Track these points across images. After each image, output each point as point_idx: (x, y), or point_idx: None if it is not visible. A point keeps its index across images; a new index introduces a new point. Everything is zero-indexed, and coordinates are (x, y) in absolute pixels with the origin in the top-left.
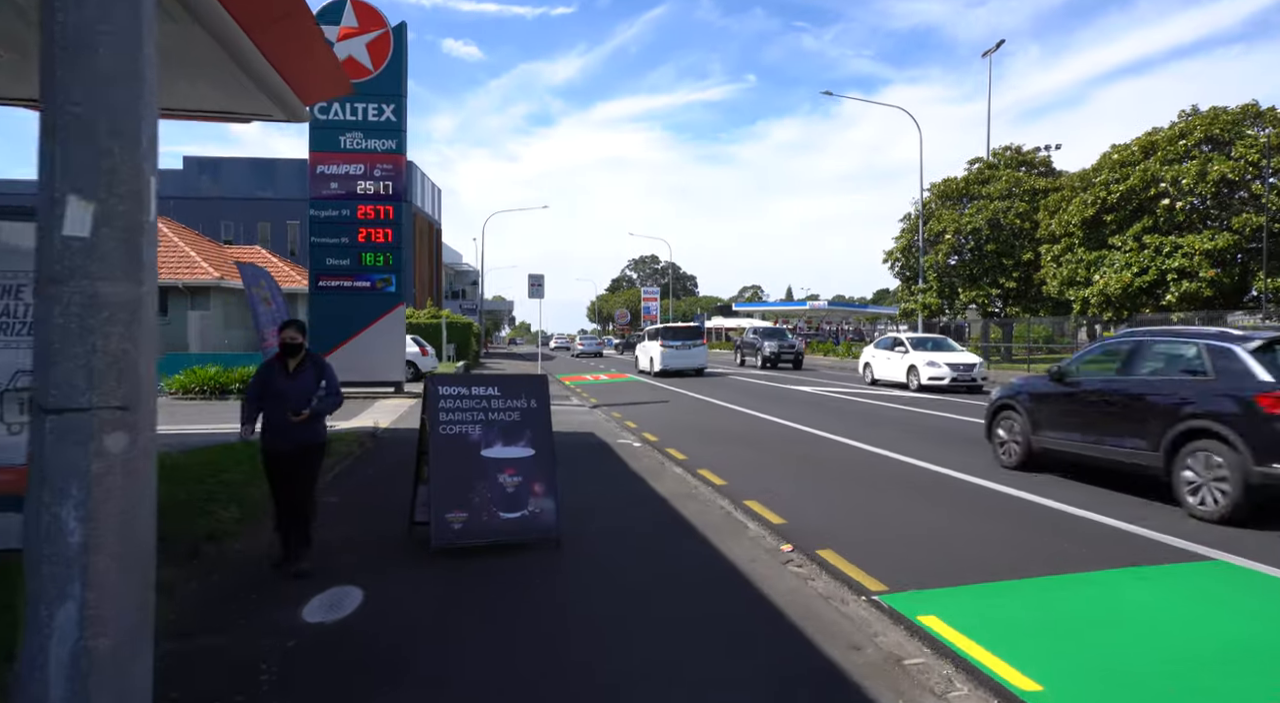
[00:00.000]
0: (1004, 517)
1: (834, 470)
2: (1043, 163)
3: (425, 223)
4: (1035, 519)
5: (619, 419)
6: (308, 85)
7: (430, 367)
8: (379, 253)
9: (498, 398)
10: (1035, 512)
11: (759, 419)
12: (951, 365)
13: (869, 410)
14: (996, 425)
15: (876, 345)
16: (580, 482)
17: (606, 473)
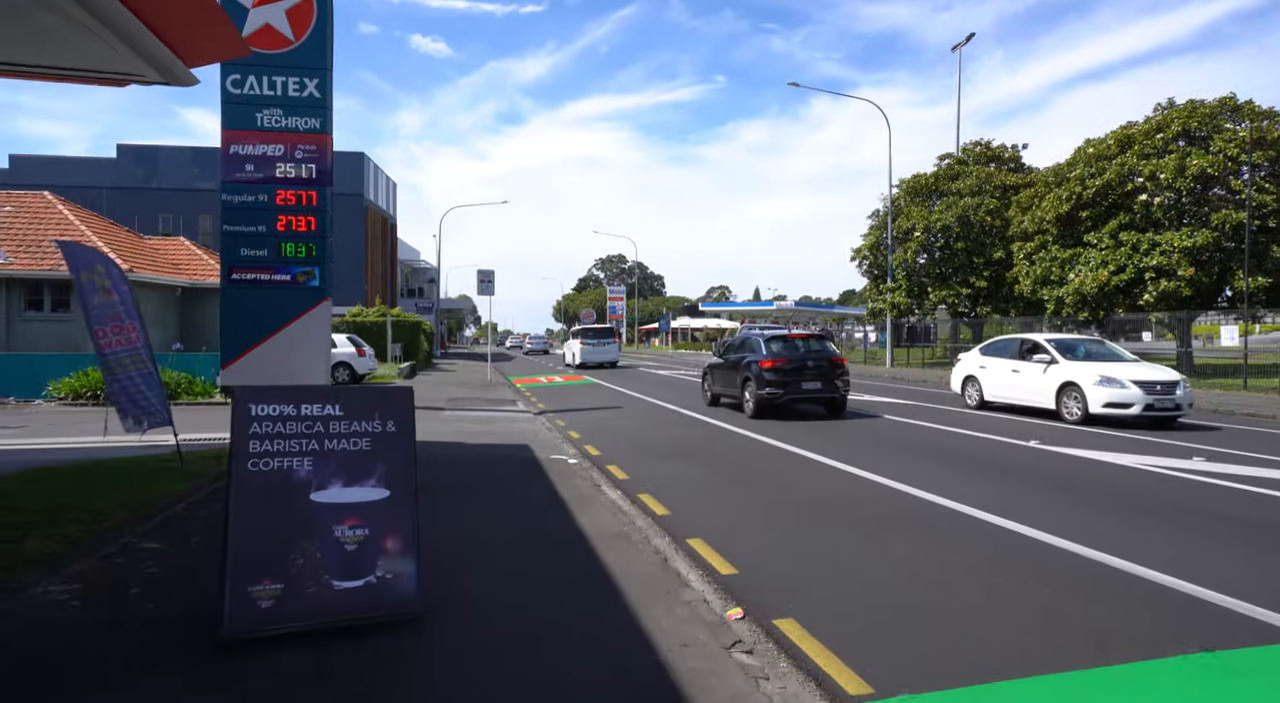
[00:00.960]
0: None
1: (811, 499)
2: (1012, 159)
3: (379, 217)
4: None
5: (562, 428)
6: (188, 42)
7: (368, 369)
8: (301, 243)
9: (339, 419)
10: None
11: (726, 432)
12: (1142, 384)
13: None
14: None
15: (986, 350)
16: (489, 515)
17: (525, 501)
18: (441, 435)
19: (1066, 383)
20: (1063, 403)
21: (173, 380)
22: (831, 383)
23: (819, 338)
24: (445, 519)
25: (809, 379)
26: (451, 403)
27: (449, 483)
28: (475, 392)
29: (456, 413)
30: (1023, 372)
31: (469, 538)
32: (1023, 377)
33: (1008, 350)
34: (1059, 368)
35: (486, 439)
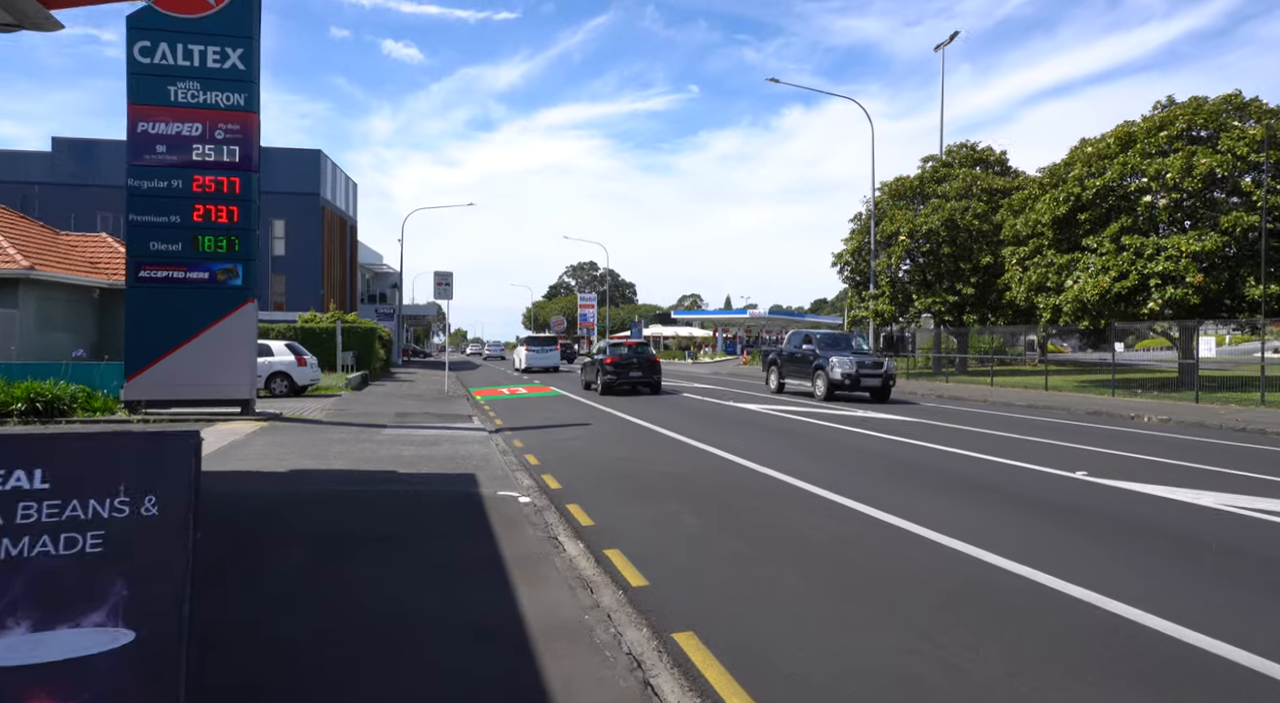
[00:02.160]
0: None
1: (850, 564)
2: (998, 161)
3: (337, 218)
4: None
5: (519, 450)
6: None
7: (310, 380)
8: (221, 236)
9: (38, 497)
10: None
11: (711, 456)
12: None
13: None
14: None
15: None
16: (393, 592)
17: (451, 566)
18: (370, 463)
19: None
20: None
21: (67, 394)
22: (651, 374)
23: (643, 344)
24: (319, 607)
25: (634, 370)
26: (397, 419)
27: (354, 537)
28: (428, 405)
29: (399, 432)
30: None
31: (343, 641)
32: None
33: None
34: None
35: (425, 467)
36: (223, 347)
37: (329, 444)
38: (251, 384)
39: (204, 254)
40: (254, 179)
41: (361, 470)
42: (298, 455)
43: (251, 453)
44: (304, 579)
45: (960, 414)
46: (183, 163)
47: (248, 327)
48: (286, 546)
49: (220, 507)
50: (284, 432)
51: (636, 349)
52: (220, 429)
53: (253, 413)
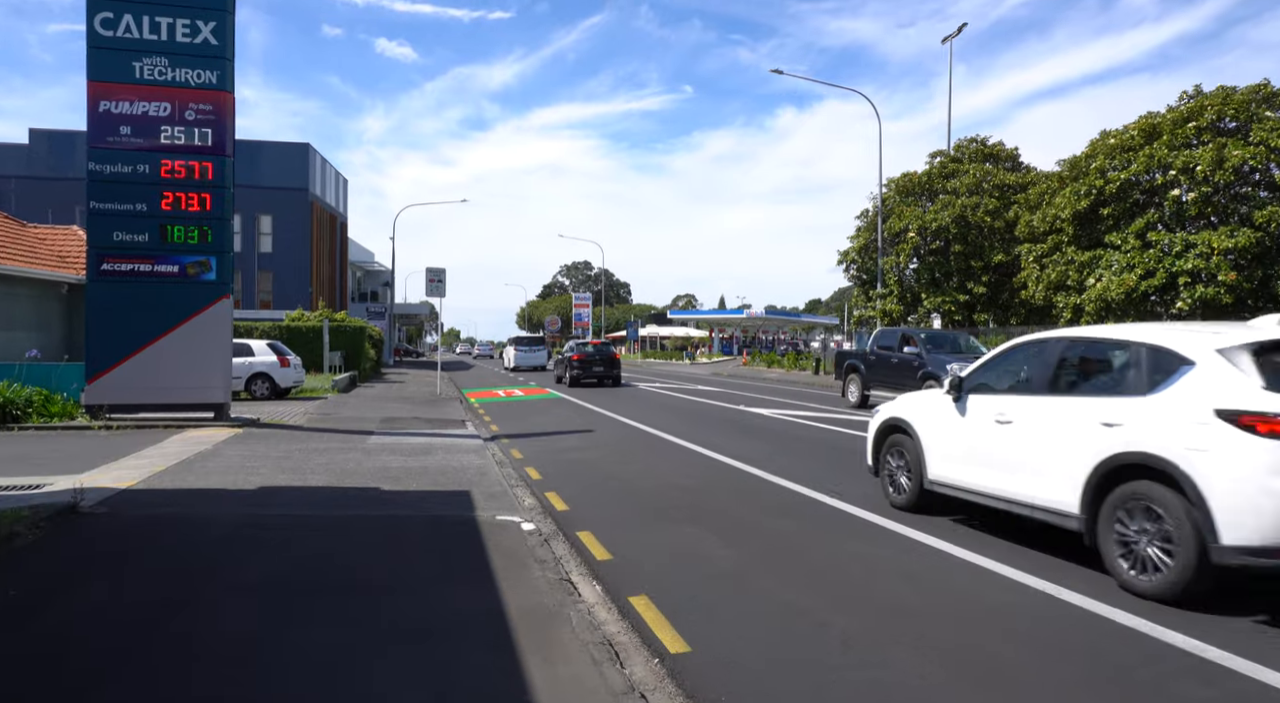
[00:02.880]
0: None
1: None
2: (1009, 157)
3: (327, 215)
4: None
5: (518, 462)
6: None
7: (294, 382)
8: (192, 226)
9: None
10: None
11: (732, 470)
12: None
13: None
14: None
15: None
16: (372, 673)
17: (441, 631)
18: (351, 478)
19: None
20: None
21: (21, 398)
22: (611, 369)
23: (605, 344)
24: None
25: (597, 365)
26: (385, 425)
27: (318, 588)
28: (418, 409)
29: (386, 440)
30: None
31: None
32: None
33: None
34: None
35: (413, 483)
36: (194, 347)
37: (307, 455)
38: (226, 387)
39: (173, 246)
40: (228, 164)
41: (340, 488)
42: (270, 469)
43: (218, 466)
44: (232, 667)
45: None
46: (149, 146)
47: (221, 325)
48: (225, 602)
49: (160, 544)
50: (259, 440)
51: (599, 348)
52: (189, 437)
53: (227, 419)
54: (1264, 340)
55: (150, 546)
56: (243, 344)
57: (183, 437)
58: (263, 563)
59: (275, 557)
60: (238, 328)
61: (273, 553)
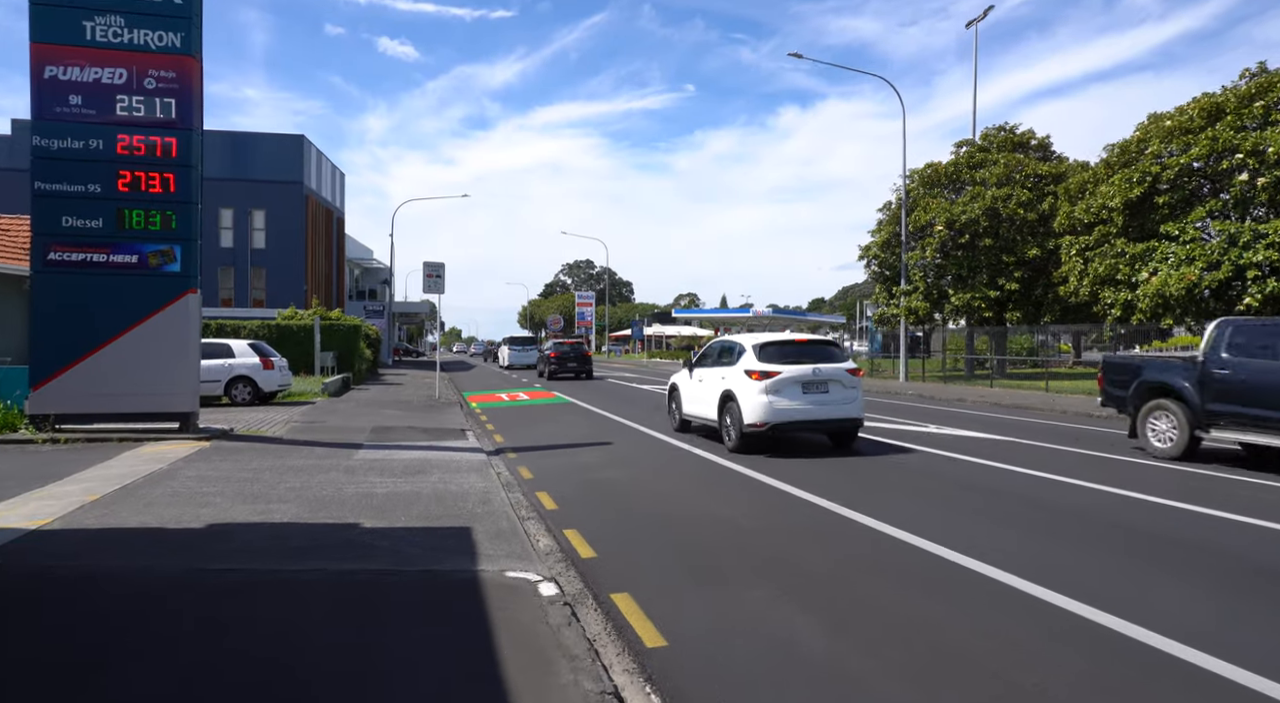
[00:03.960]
0: None
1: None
2: (1040, 146)
3: (323, 209)
4: None
5: (529, 484)
6: None
7: (279, 385)
8: (154, 210)
9: None
10: None
11: (785, 497)
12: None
13: None
14: None
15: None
16: None
17: None
18: (327, 508)
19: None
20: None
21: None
22: (584, 365)
23: (578, 342)
24: None
25: (571, 361)
26: (376, 436)
27: (252, 696)
28: (415, 416)
29: (376, 455)
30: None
31: None
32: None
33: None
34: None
35: (401, 517)
36: (156, 348)
37: (280, 476)
38: (193, 394)
39: (131, 232)
40: (195, 140)
41: (311, 525)
42: (230, 496)
43: (166, 493)
44: None
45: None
46: (104, 118)
47: (187, 323)
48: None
49: (33, 622)
50: (228, 456)
51: (574, 346)
52: (143, 453)
53: (194, 430)
54: (761, 342)
55: (14, 627)
56: (221, 344)
57: (137, 453)
58: (171, 665)
59: (193, 653)
60: (224, 327)
61: (192, 646)
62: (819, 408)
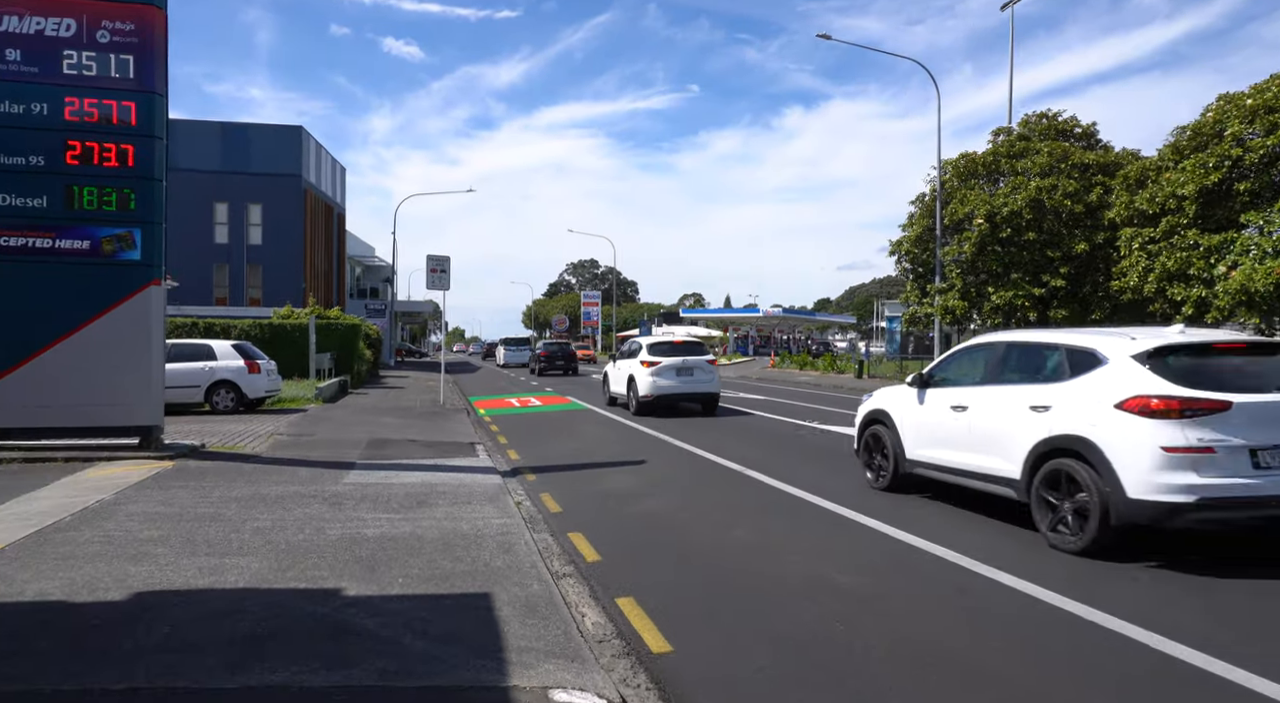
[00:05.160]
0: None
1: None
2: (1086, 133)
3: (322, 204)
4: None
5: (557, 520)
6: None
7: (266, 390)
8: (109, 188)
9: None
10: None
11: (914, 552)
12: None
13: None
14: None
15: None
16: None
17: None
18: (300, 565)
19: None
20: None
21: None
22: (570, 363)
23: (565, 342)
24: None
25: (558, 360)
26: (370, 452)
27: None
28: (417, 426)
29: (370, 478)
30: None
31: None
32: None
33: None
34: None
35: (396, 580)
36: (112, 350)
37: (248, 510)
38: (156, 404)
39: (82, 213)
40: (158, 105)
41: (275, 592)
42: (179, 544)
43: (98, 538)
44: None
45: None
46: (48, 78)
47: (149, 320)
48: None
49: None
50: (191, 481)
51: (561, 346)
52: (85, 480)
53: (157, 446)
54: (651, 342)
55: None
56: (201, 345)
57: (77, 479)
58: None
59: None
60: (212, 326)
61: None
62: (686, 385)
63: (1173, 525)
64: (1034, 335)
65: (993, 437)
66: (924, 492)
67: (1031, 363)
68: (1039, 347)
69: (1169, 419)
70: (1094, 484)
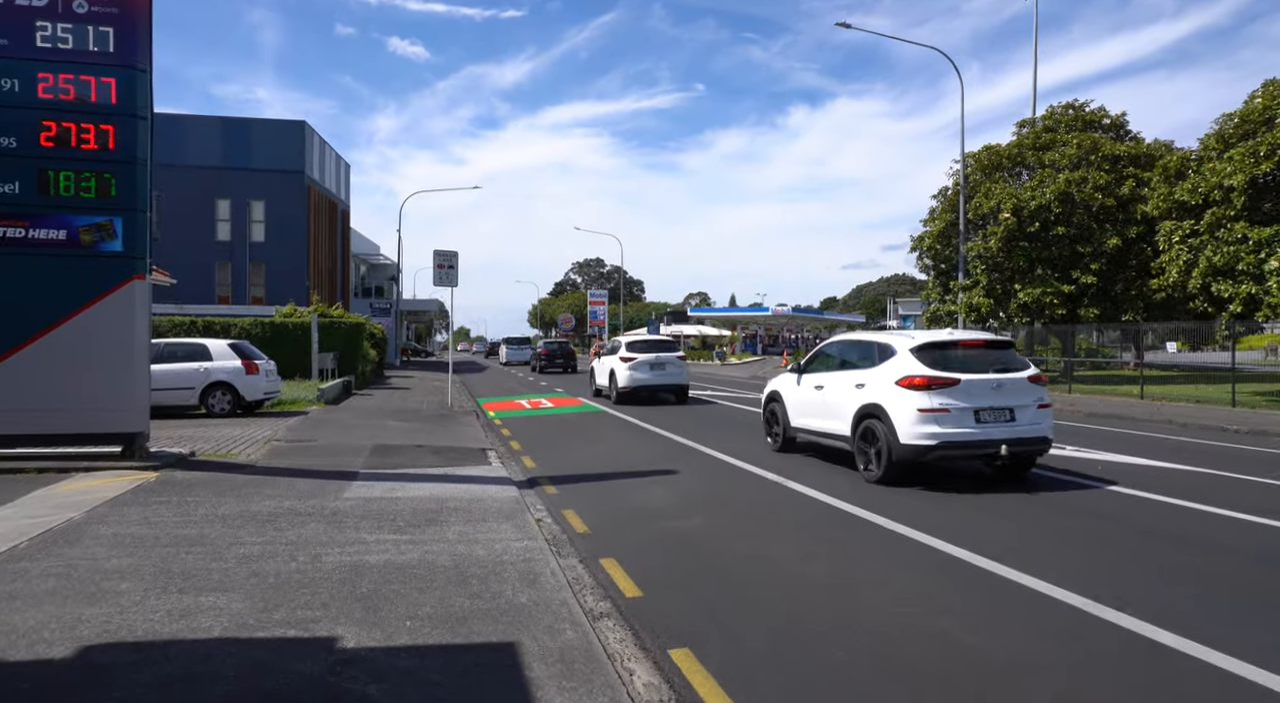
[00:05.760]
0: None
1: None
2: (1115, 124)
3: (326, 201)
4: None
5: (585, 542)
6: None
7: (264, 392)
8: (87, 172)
9: None
10: None
11: (1029, 595)
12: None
13: None
14: None
15: None
16: None
17: None
18: (289, 603)
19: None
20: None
21: None
22: (569, 361)
23: (564, 342)
24: None
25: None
26: (374, 460)
27: None
28: (424, 430)
29: (372, 491)
30: None
31: None
32: None
33: None
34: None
35: (403, 623)
36: (92, 350)
37: (235, 531)
38: (141, 409)
39: (58, 200)
40: (141, 82)
41: (257, 643)
42: (149, 576)
43: (57, 570)
44: None
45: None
46: (20, 52)
47: (133, 317)
48: None
49: None
50: (174, 496)
51: (560, 345)
52: (60, 494)
53: (142, 455)
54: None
55: None
56: (196, 345)
57: (47, 494)
58: None
59: None
60: (211, 325)
61: None
62: (659, 378)
63: (925, 461)
64: (861, 335)
65: (836, 407)
66: (805, 452)
67: (859, 354)
68: (864, 343)
69: (922, 390)
70: (884, 434)
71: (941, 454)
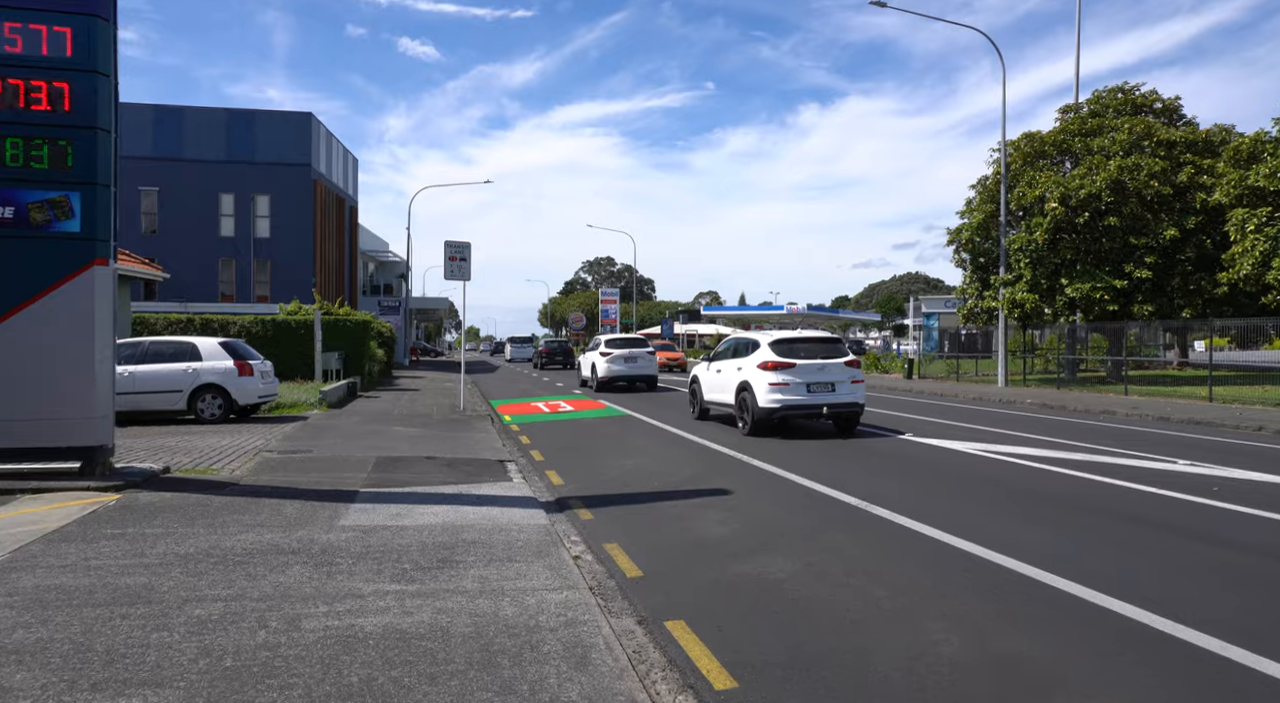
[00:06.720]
0: None
1: None
2: (1168, 109)
3: (333, 196)
4: None
5: (641, 588)
6: None
7: (259, 395)
8: (37, 139)
9: None
10: None
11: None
12: None
13: None
14: None
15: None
16: None
17: None
18: (259, 685)
19: None
20: None
21: None
22: (568, 359)
23: (564, 341)
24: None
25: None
26: (377, 476)
27: None
28: (435, 438)
29: (375, 516)
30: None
31: None
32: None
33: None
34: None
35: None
36: (43, 350)
37: (194, 582)
38: (103, 418)
39: (4, 171)
40: (103, 31)
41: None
42: (59, 659)
43: None
44: None
45: None
46: None
47: (93, 310)
48: None
49: None
50: (129, 527)
51: (561, 342)
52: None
53: (105, 472)
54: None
55: None
56: (184, 343)
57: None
58: None
59: None
60: (209, 323)
61: None
62: (632, 369)
63: (775, 419)
64: (744, 334)
65: (727, 384)
66: (714, 419)
67: (743, 347)
68: (746, 340)
69: (773, 371)
70: (749, 402)
71: (785, 414)
